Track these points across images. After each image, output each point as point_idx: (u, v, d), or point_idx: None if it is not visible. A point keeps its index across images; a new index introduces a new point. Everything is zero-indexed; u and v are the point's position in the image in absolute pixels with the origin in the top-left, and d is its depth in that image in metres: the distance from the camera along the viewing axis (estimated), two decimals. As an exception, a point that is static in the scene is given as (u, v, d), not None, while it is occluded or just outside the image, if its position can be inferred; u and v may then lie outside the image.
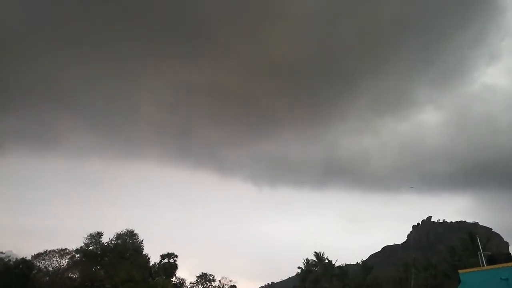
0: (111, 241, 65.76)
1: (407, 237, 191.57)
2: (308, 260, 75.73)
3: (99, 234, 65.10)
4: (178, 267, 66.51)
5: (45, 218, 73.57)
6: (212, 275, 70.07)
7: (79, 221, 71.54)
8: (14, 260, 55.09)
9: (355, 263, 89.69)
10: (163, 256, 65.80)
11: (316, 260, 75.57)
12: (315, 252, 75.98)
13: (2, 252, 54.84)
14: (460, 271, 26.00)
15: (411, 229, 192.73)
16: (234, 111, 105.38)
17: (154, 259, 67.34)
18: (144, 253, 67.03)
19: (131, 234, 67.39)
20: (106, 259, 63.04)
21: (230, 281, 70.62)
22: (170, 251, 67.72)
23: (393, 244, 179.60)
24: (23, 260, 53.73)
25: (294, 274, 77.58)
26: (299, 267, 74.26)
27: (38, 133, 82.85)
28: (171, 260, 65.39)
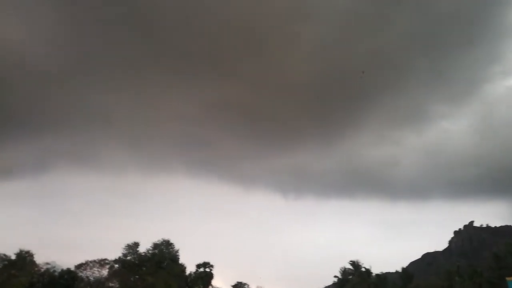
0: (148, 251, 67.17)
1: (449, 243, 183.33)
2: (344, 269, 74.05)
3: (136, 244, 66.67)
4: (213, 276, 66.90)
5: (85, 229, 77.67)
6: (246, 284, 69.97)
7: (117, 232, 74.05)
8: (58, 270, 57.51)
9: (394, 271, 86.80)
10: (198, 266, 66.39)
11: (353, 269, 73.76)
12: (351, 260, 74.22)
13: (48, 263, 57.28)
14: (508, 278, 24.65)
15: (452, 235, 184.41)
16: (255, 126, 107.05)
17: (190, 268, 68.16)
18: (180, 262, 67.90)
19: (167, 244, 68.45)
20: (144, 268, 64.48)
21: (266, 290, 70.28)
22: (204, 260, 68.42)
23: (434, 251, 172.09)
24: (68, 270, 55.91)
25: (331, 283, 76.07)
26: (335, 276, 72.78)
27: (79, 152, 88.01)
28: (207, 269, 65.90)
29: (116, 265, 62.80)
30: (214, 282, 68.05)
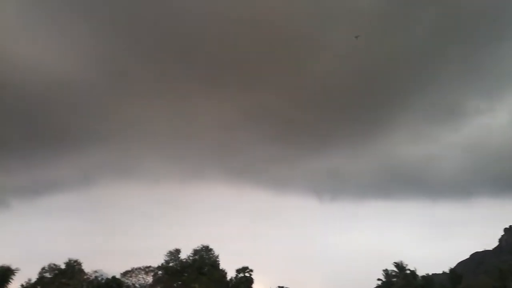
0: (189, 257, 68.33)
1: (499, 241, 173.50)
2: (387, 271, 71.78)
3: (178, 251, 68.02)
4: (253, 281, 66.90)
5: (129, 238, 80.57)
6: (288, 288, 69.48)
7: (158, 239, 76.15)
8: (105, 278, 59.65)
9: (440, 272, 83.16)
10: (238, 270, 66.61)
11: (397, 271, 71.38)
12: (394, 262, 71.82)
13: (95, 271, 59.53)
14: None
15: (502, 233, 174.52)
16: (287, 131, 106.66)
17: (230, 273, 68.49)
18: (220, 267, 68.47)
19: (206, 250, 69.26)
20: (186, 274, 65.66)
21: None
22: (243, 265, 68.53)
23: (483, 250, 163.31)
24: (114, 278, 57.84)
25: (374, 286, 73.97)
26: (379, 279, 70.69)
27: (121, 165, 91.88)
28: (247, 274, 66.02)
29: (160, 272, 64.37)
30: (254, 286, 68.13)
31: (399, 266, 70.86)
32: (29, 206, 79.80)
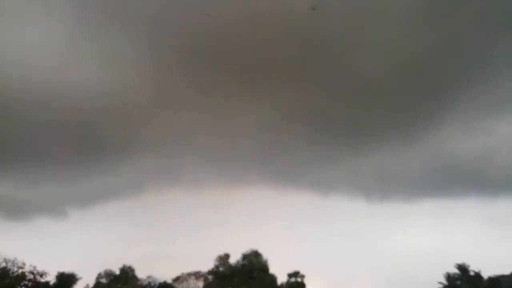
0: (238, 261, 67.81)
1: None
2: (449, 274, 67.09)
3: (227, 256, 67.71)
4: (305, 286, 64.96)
5: (178, 243, 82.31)
6: (342, 292, 66.80)
7: (207, 244, 76.54)
8: (156, 283, 60.45)
9: (508, 274, 76.57)
10: (290, 275, 65.03)
11: (459, 273, 66.51)
12: (456, 264, 67.00)
13: (149, 276, 60.54)
14: None
15: None
16: (330, 131, 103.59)
17: (280, 278, 67.08)
18: (270, 272, 67.33)
19: (255, 254, 68.36)
20: (236, 279, 65.15)
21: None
22: (293, 269, 66.86)
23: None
24: (165, 283, 58.45)
25: (435, 289, 69.38)
26: (440, 282, 66.18)
27: (169, 172, 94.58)
28: (298, 279, 64.27)
29: (210, 277, 64.35)
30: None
31: (462, 267, 66.04)
32: (85, 215, 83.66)
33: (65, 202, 79.16)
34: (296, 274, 64.61)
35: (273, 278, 64.95)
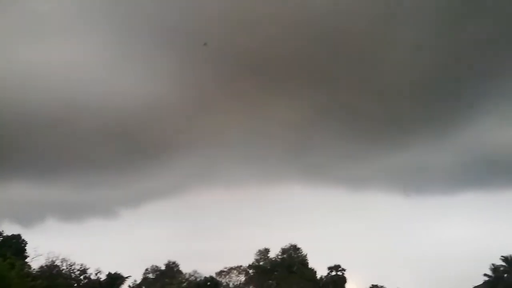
0: (277, 256, 69.04)
1: None
2: (495, 266, 65.16)
3: (267, 250, 69.09)
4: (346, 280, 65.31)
5: (219, 239, 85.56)
6: (384, 286, 66.59)
7: (246, 240, 78.92)
8: (202, 278, 62.73)
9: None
10: (330, 268, 65.56)
11: (506, 265, 64.47)
12: (502, 256, 64.95)
13: (196, 271, 63.19)
14: None
15: None
16: (364, 127, 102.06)
17: (319, 272, 67.71)
18: (309, 266, 68.10)
19: (294, 248, 69.32)
20: (276, 273, 66.44)
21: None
22: (332, 264, 67.27)
23: None
24: (211, 278, 60.62)
25: (480, 283, 67.49)
26: (485, 274, 64.42)
27: (206, 170, 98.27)
28: (339, 273, 64.67)
29: (251, 271, 66.01)
30: (347, 285, 66.50)
31: (508, 260, 64.00)
32: (133, 214, 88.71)
33: (115, 203, 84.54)
34: (336, 267, 65.07)
35: (313, 272, 65.75)
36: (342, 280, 64.62)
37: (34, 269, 49.13)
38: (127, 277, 58.88)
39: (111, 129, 79.59)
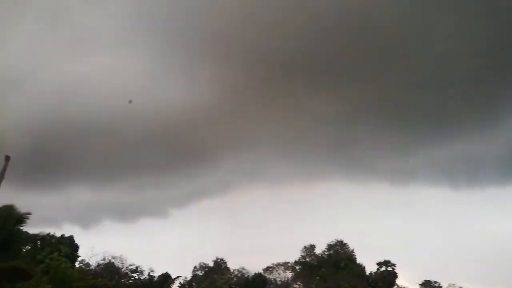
0: (324, 252, 68.40)
1: None
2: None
3: (312, 247, 68.70)
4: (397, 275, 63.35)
5: (265, 236, 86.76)
6: (437, 282, 63.88)
7: (291, 236, 79.22)
8: (249, 274, 63.65)
9: None
10: (379, 264, 63.93)
11: None
12: None
13: (243, 268, 64.38)
14: None
15: None
16: (406, 118, 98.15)
17: (368, 268, 66.25)
18: (357, 262, 66.84)
19: (341, 244, 68.43)
20: (323, 269, 65.82)
21: (460, 287, 62.79)
22: (381, 259, 65.51)
23: None
24: (259, 274, 61.38)
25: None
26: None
27: (250, 168, 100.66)
28: (389, 268, 62.87)
29: (297, 267, 65.93)
30: (397, 281, 64.52)
31: None
32: (182, 214, 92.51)
33: (165, 203, 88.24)
34: (386, 263, 63.35)
35: (361, 268, 64.49)
36: (393, 275, 62.79)
37: (91, 267, 52.22)
38: (177, 277, 60.95)
39: (159, 135, 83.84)
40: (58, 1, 79.84)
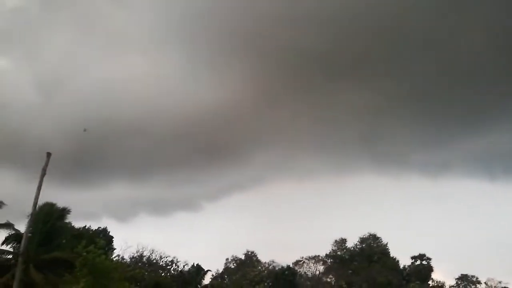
0: (356, 245, 67.50)
1: None
2: None
3: (343, 240, 67.92)
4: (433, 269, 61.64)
5: (293, 230, 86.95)
6: (475, 276, 61.69)
7: (321, 230, 79.03)
8: (278, 267, 63.79)
9: None
10: (414, 258, 62.39)
11: None
12: None
13: (273, 261, 64.73)
14: None
15: None
16: (438, 111, 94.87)
17: (402, 261, 64.83)
18: (391, 256, 65.52)
19: (373, 238, 67.29)
20: (355, 263, 64.99)
21: (500, 282, 60.27)
22: (417, 252, 63.87)
23: None
24: (288, 267, 61.42)
25: None
26: None
27: (281, 163, 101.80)
28: (424, 262, 61.23)
29: (329, 261, 65.41)
30: (433, 275, 62.81)
31: None
32: (215, 207, 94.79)
33: (198, 198, 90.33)
34: (421, 257, 61.74)
35: (395, 262, 63.18)
36: (428, 269, 61.13)
37: (125, 259, 54.02)
38: (207, 271, 61.92)
39: (191, 133, 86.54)
40: (93, 10, 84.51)
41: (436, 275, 62.91)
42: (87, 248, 21.05)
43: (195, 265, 58.66)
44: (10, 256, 27.28)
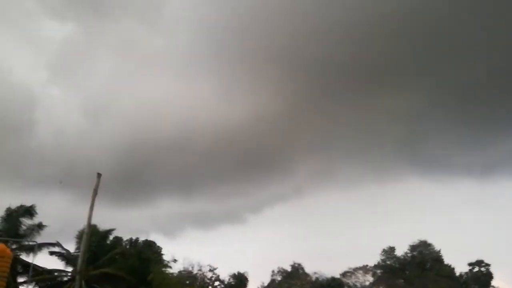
0: (406, 253, 64.40)
1: None
2: None
3: (392, 249, 65.02)
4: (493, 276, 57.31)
5: (338, 239, 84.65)
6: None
7: (368, 239, 76.58)
8: (324, 279, 61.95)
9: None
10: (471, 264, 58.37)
11: None
12: None
13: (316, 272, 63.06)
14: None
15: None
16: (478, 112, 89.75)
17: (458, 268, 60.86)
18: (445, 263, 61.82)
19: (425, 245, 63.91)
20: (407, 272, 61.85)
21: None
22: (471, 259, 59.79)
23: None
24: (333, 278, 59.56)
25: None
26: None
27: (321, 174, 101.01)
28: (482, 269, 57.10)
29: (378, 271, 62.77)
30: (494, 283, 58.37)
31: None
32: (258, 219, 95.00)
33: (242, 210, 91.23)
34: (479, 263, 57.66)
35: (450, 269, 59.46)
36: (487, 276, 56.89)
37: (173, 273, 55.04)
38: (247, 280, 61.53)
39: (232, 147, 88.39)
40: (132, 36, 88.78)
41: (497, 282, 58.50)
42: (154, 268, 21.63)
43: (237, 274, 58.73)
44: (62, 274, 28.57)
